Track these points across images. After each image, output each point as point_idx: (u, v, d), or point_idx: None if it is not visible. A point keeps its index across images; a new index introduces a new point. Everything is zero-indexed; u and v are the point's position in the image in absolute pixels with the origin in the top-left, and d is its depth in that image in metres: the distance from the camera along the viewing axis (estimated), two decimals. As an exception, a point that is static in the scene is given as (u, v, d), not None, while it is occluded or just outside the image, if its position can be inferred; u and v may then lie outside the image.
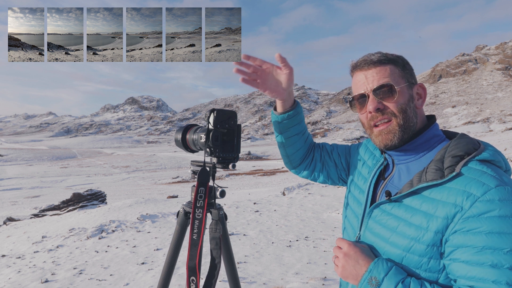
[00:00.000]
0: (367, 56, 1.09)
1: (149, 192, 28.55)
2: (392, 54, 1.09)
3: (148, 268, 5.19)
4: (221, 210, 1.48)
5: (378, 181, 1.16)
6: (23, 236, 10.20)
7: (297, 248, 5.95)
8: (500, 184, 0.86)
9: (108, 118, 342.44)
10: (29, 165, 66.51)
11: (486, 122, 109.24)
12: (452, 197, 0.89)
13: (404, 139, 1.04)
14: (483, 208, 0.84)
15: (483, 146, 0.97)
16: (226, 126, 1.38)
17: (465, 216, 0.86)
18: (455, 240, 0.87)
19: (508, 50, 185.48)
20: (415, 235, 0.93)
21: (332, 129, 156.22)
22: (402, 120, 1.03)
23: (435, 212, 0.90)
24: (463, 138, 1.01)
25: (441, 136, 1.07)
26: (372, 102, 1.05)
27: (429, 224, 0.91)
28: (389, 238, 0.98)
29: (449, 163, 0.94)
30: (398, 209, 0.99)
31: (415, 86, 1.08)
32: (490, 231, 0.83)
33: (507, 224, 0.82)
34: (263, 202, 11.00)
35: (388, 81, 1.04)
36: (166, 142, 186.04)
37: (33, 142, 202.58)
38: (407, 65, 1.08)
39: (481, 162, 0.93)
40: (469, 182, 0.89)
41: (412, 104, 1.05)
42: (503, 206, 0.83)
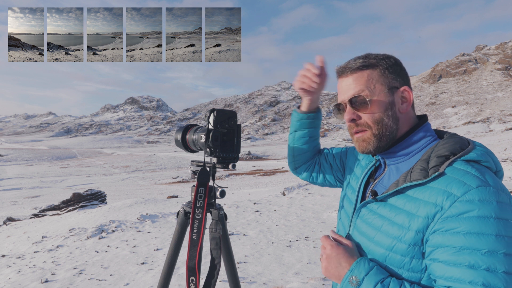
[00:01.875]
0: (349, 61, 1.07)
1: (149, 192, 28.56)
2: (376, 56, 1.05)
3: (148, 268, 5.19)
4: (221, 210, 1.48)
5: (370, 181, 1.17)
6: (23, 236, 10.20)
7: (297, 248, 5.95)
8: (482, 185, 0.85)
9: (108, 118, 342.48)
10: (29, 165, 66.53)
11: (486, 122, 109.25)
12: (433, 197, 0.89)
13: (380, 146, 1.04)
14: (462, 208, 0.84)
15: (471, 146, 0.96)
16: (226, 126, 1.38)
17: (444, 216, 0.86)
18: (434, 240, 0.87)
19: (508, 50, 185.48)
20: (397, 234, 0.93)
21: (332, 129, 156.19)
22: (377, 131, 1.03)
23: (417, 211, 0.90)
24: (452, 138, 0.99)
25: (432, 136, 1.06)
26: (347, 113, 1.06)
27: (410, 224, 0.91)
28: (374, 237, 0.99)
29: (434, 163, 0.93)
30: (383, 209, 0.99)
31: (399, 90, 1.05)
32: (468, 231, 0.82)
33: (485, 225, 0.81)
34: (263, 202, 11.00)
35: (362, 90, 1.02)
36: (166, 142, 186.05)
37: (33, 142, 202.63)
38: (392, 67, 1.04)
39: (466, 162, 0.92)
40: (450, 182, 0.88)
41: (391, 112, 1.03)
42: (482, 207, 0.83)
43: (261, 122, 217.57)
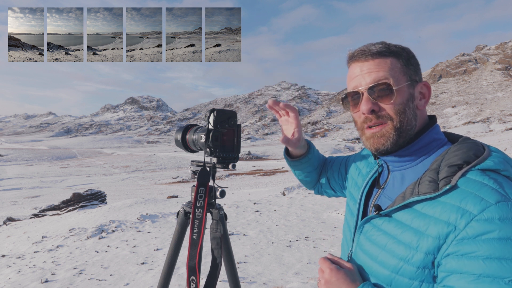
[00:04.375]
0: (367, 46, 0.95)
1: (149, 192, 28.56)
2: (396, 46, 0.94)
3: (148, 268, 5.19)
4: (221, 210, 1.48)
5: (372, 190, 1.07)
6: (23, 236, 10.21)
7: (297, 248, 5.95)
8: (502, 200, 0.73)
9: (108, 118, 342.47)
10: (29, 165, 66.53)
11: (486, 122, 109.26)
12: (445, 214, 0.77)
13: (398, 143, 0.92)
14: (480, 228, 0.72)
15: (487, 153, 0.83)
16: (226, 126, 1.38)
17: (459, 237, 0.74)
18: (448, 264, 0.75)
19: (508, 50, 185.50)
20: (404, 255, 0.82)
21: (332, 129, 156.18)
22: (399, 123, 0.91)
23: (426, 230, 0.79)
24: (465, 143, 0.88)
25: (442, 139, 0.95)
26: (366, 103, 0.92)
27: (419, 243, 0.80)
28: (378, 257, 0.88)
29: (445, 173, 0.82)
30: (388, 224, 0.88)
31: (419, 85, 0.95)
32: (488, 256, 0.70)
33: (509, 248, 0.69)
34: (263, 202, 11.00)
35: (386, 78, 0.90)
36: (166, 142, 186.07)
37: (33, 142, 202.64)
38: (412, 60, 0.95)
39: (482, 172, 0.80)
40: (465, 197, 0.76)
41: (412, 105, 0.92)
42: (504, 227, 0.70)
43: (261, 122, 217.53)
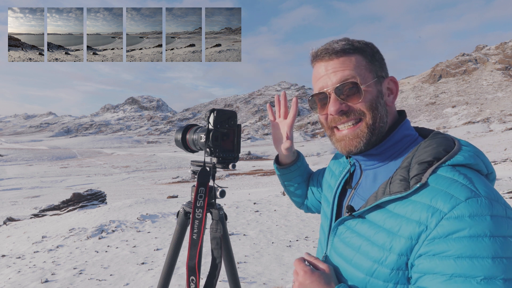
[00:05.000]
0: (330, 43, 0.91)
1: (149, 192, 28.56)
2: (359, 42, 0.91)
3: (148, 268, 5.19)
4: (221, 210, 1.48)
5: (345, 191, 1.04)
6: (23, 236, 10.21)
7: (297, 248, 5.95)
8: (472, 196, 0.72)
9: (108, 118, 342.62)
10: (29, 165, 66.54)
11: (486, 122, 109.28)
12: (416, 213, 0.76)
13: (371, 142, 0.90)
14: (450, 227, 0.71)
15: (457, 147, 0.82)
16: (226, 126, 1.38)
17: (430, 237, 0.73)
18: (420, 265, 0.74)
19: (508, 50, 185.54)
20: (378, 257, 0.80)
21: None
22: (372, 120, 0.88)
23: (398, 230, 0.78)
24: (435, 138, 0.85)
25: (413, 135, 0.92)
26: (334, 103, 0.89)
27: (392, 244, 0.78)
28: (352, 260, 0.86)
29: (416, 171, 0.80)
30: (361, 225, 0.86)
31: (385, 80, 0.92)
32: (459, 255, 0.69)
33: (479, 246, 0.68)
34: (263, 202, 11.00)
35: (352, 76, 0.87)
36: (166, 142, 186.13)
37: (33, 142, 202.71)
38: (377, 55, 0.92)
39: (453, 168, 0.78)
40: (435, 195, 0.75)
41: (382, 101, 0.90)
42: (474, 224, 0.69)
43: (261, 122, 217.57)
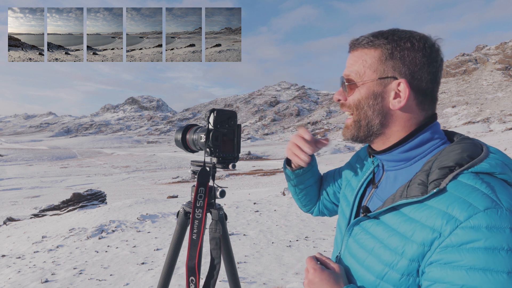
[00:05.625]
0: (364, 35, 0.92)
1: (149, 192, 28.56)
2: (389, 36, 0.87)
3: (148, 268, 5.19)
4: (221, 210, 1.48)
5: (366, 191, 1.04)
6: (23, 236, 10.21)
7: (297, 248, 5.95)
8: (492, 206, 0.68)
9: (108, 118, 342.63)
10: (29, 165, 66.54)
11: (486, 122, 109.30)
12: (431, 219, 0.74)
13: (359, 136, 0.92)
14: (465, 236, 0.68)
15: (484, 154, 0.77)
16: (226, 126, 1.38)
17: (443, 244, 0.70)
18: (431, 273, 0.72)
19: (508, 50, 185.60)
20: (389, 261, 0.79)
21: (332, 129, 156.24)
22: (356, 117, 0.90)
23: (412, 235, 0.76)
24: (461, 143, 0.82)
25: (440, 139, 0.88)
26: (336, 92, 0.96)
27: (404, 249, 0.77)
28: (364, 261, 0.85)
29: (435, 176, 0.76)
30: (376, 227, 0.85)
31: (393, 82, 0.86)
32: (472, 266, 0.67)
33: (495, 259, 0.65)
34: (263, 202, 11.00)
35: (351, 72, 0.90)
36: (166, 142, 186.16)
37: (33, 142, 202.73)
38: (402, 52, 0.84)
39: (476, 175, 0.74)
40: (452, 202, 0.72)
41: (375, 102, 0.87)
42: (490, 236, 0.66)
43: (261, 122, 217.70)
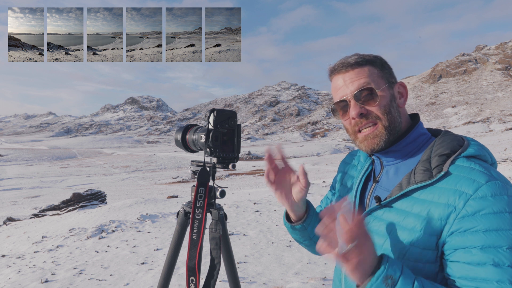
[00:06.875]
0: (344, 59, 1.06)
1: (149, 192, 28.55)
2: (369, 55, 1.06)
3: (148, 268, 5.19)
4: (221, 210, 1.48)
5: (365, 187, 1.13)
6: (23, 236, 10.21)
7: (297, 248, 5.95)
8: (490, 179, 0.86)
9: (108, 118, 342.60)
10: (29, 165, 66.53)
11: (486, 122, 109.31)
12: (443, 197, 0.88)
13: (390, 140, 1.02)
14: (477, 206, 0.84)
15: (467, 142, 0.97)
16: (226, 126, 1.38)
17: (460, 216, 0.85)
18: (453, 241, 0.85)
19: (508, 50, 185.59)
20: (408, 239, 0.90)
21: (332, 129, 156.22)
22: (388, 122, 1.01)
23: (427, 213, 0.89)
24: (447, 136, 1.00)
25: (427, 134, 1.06)
26: (354, 108, 1.01)
27: (422, 226, 0.89)
28: (383, 245, 0.95)
29: (436, 162, 0.93)
30: (389, 214, 0.96)
31: (396, 85, 1.06)
32: (487, 228, 0.82)
33: (503, 220, 0.82)
34: (263, 202, 11.00)
35: (368, 83, 1.01)
36: (166, 142, 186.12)
37: (33, 142, 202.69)
38: (386, 65, 1.06)
39: (468, 159, 0.92)
40: (459, 181, 0.88)
41: (395, 104, 1.04)
42: (496, 202, 0.83)
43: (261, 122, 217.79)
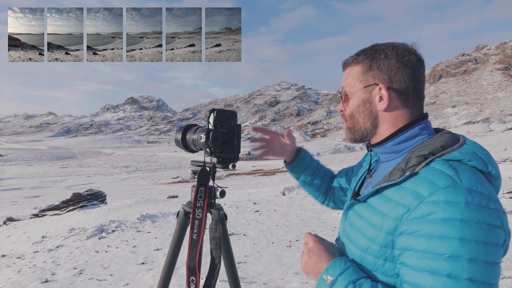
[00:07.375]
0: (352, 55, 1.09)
1: (149, 192, 28.56)
2: (367, 52, 1.03)
3: (148, 268, 5.19)
4: (221, 210, 1.48)
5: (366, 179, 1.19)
6: (23, 236, 10.21)
7: (297, 248, 5.95)
8: (451, 185, 0.80)
9: (108, 118, 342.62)
10: (29, 165, 66.53)
11: (486, 122, 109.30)
12: (404, 198, 0.86)
13: (356, 139, 1.10)
14: (427, 209, 0.80)
15: (458, 145, 0.90)
16: (226, 126, 1.38)
17: (410, 217, 0.83)
18: (401, 242, 0.84)
19: (508, 50, 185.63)
20: (371, 236, 0.91)
21: (332, 129, 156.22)
22: (350, 124, 1.09)
23: (389, 212, 0.88)
24: (440, 137, 0.95)
25: (429, 134, 1.00)
26: (339, 104, 1.15)
27: (383, 225, 0.89)
28: (354, 238, 0.98)
29: (413, 163, 0.90)
30: (364, 209, 0.98)
31: (376, 88, 1.01)
32: (430, 234, 0.78)
33: (449, 228, 0.77)
34: (263, 202, 11.00)
35: (345, 85, 1.09)
36: (166, 142, 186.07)
37: (33, 142, 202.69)
38: (377, 63, 1.00)
39: (445, 162, 0.86)
40: (421, 182, 0.84)
41: (364, 108, 1.04)
42: (447, 208, 0.78)
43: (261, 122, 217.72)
